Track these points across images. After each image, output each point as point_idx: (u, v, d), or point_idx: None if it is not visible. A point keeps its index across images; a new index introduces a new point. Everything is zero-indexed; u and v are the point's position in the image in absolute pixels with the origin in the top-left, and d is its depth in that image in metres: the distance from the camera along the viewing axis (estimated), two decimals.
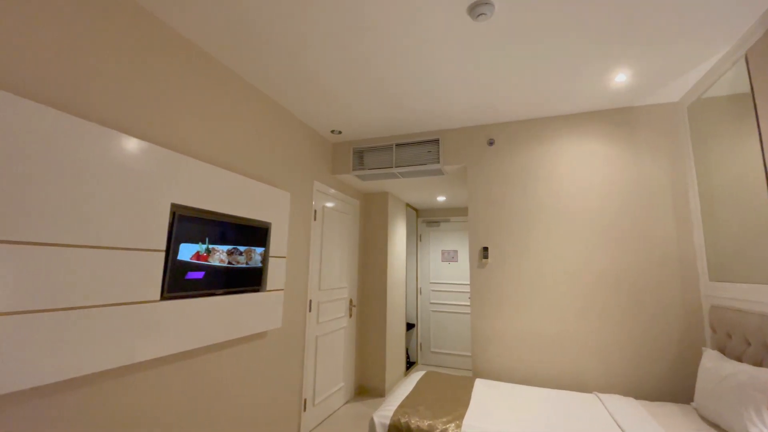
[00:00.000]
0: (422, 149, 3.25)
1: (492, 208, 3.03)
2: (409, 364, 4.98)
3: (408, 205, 5.06)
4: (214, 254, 2.04)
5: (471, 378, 2.66)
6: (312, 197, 3.22)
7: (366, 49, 2.09)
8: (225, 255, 2.11)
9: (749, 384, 1.64)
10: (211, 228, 2.03)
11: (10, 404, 1.26)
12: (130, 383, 1.65)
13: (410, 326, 5.12)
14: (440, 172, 3.30)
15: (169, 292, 1.76)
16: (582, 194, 2.78)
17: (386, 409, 2.07)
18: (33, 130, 1.30)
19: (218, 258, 2.06)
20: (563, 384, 2.64)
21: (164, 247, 1.75)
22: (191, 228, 1.90)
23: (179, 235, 1.83)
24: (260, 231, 2.41)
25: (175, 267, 1.80)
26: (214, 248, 2.04)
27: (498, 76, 2.37)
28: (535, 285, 2.81)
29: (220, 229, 2.09)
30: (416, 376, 2.68)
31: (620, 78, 2.35)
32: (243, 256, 2.25)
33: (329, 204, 3.53)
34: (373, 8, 1.76)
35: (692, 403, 2.09)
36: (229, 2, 1.74)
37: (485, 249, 2.98)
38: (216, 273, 2.05)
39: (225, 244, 2.11)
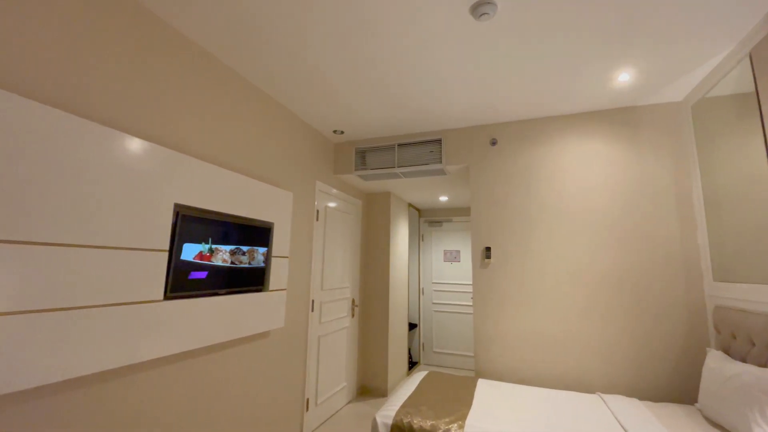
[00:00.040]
0: (425, 149, 3.25)
1: (494, 208, 3.02)
2: (412, 365, 4.98)
3: (410, 205, 5.06)
4: (217, 254, 2.05)
5: (473, 378, 2.66)
6: (314, 197, 3.23)
7: (368, 49, 2.10)
8: (228, 255, 2.12)
9: (754, 385, 1.63)
10: (214, 228, 2.04)
11: (13, 404, 1.26)
12: (133, 383, 1.65)
13: (412, 326, 5.11)
14: (443, 172, 3.30)
15: (173, 292, 1.77)
16: (585, 194, 2.77)
17: (389, 409, 2.07)
18: (36, 130, 1.31)
19: (221, 258, 2.07)
20: (566, 384, 2.63)
21: (167, 247, 1.75)
22: (194, 228, 1.91)
23: (182, 235, 1.83)
24: (263, 231, 2.42)
25: (179, 267, 1.81)
26: (217, 248, 2.05)
27: (500, 76, 2.37)
28: (538, 285, 2.80)
29: (223, 229, 2.10)
30: (419, 376, 2.68)
31: (623, 77, 2.34)
32: (246, 256, 2.25)
33: (331, 204, 3.54)
34: (375, 8, 1.76)
35: (696, 404, 2.08)
36: (231, 2, 1.75)
37: (488, 249, 2.98)
38: (219, 273, 2.06)
39: (228, 244, 2.12)
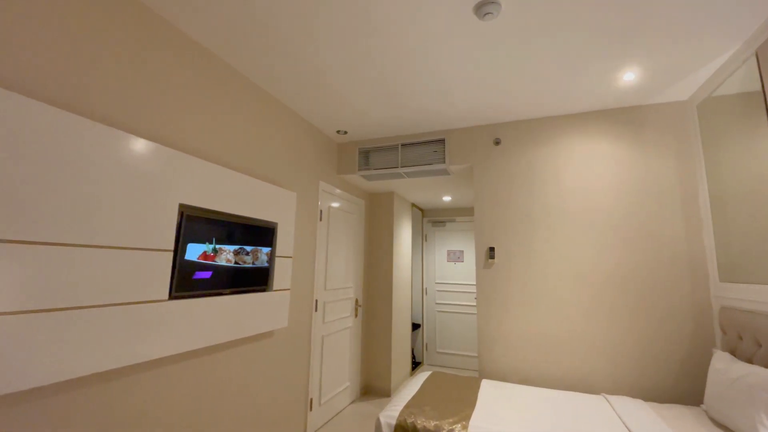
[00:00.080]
0: (428, 149, 3.24)
1: (498, 208, 3.01)
2: (415, 365, 4.98)
3: (413, 205, 5.06)
4: (221, 254, 2.05)
5: (477, 378, 2.65)
6: (318, 197, 3.23)
7: (372, 49, 2.10)
8: (232, 255, 2.12)
9: (760, 386, 1.61)
10: (218, 228, 2.05)
11: (16, 403, 1.27)
12: (136, 383, 1.66)
13: (416, 326, 5.11)
14: (446, 172, 3.29)
15: (177, 292, 1.78)
16: (589, 194, 2.76)
17: (392, 409, 2.07)
18: (41, 131, 1.32)
19: (225, 258, 2.08)
20: (571, 385, 2.62)
21: (172, 247, 1.76)
22: (198, 228, 1.92)
23: (187, 235, 1.84)
24: (267, 231, 2.42)
25: (183, 267, 1.82)
26: (221, 248, 2.05)
27: (504, 76, 2.36)
28: (542, 285, 2.79)
29: (227, 229, 2.11)
30: (422, 377, 2.68)
31: (628, 76, 2.33)
32: (249, 256, 2.26)
33: (335, 204, 3.54)
34: (379, 8, 1.76)
35: (702, 405, 2.07)
36: (232, 1, 1.75)
37: (491, 249, 2.97)
38: (223, 273, 2.06)
39: (232, 244, 2.13)
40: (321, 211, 3.27)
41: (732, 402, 1.73)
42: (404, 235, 4.58)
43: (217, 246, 2.03)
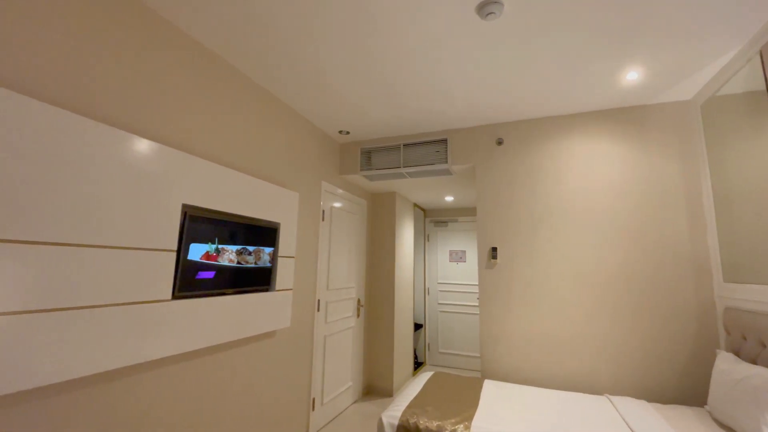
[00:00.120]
0: (430, 149, 3.24)
1: (501, 208, 3.01)
2: (417, 365, 4.97)
3: (416, 205, 5.05)
4: (224, 254, 2.06)
5: (480, 379, 2.65)
6: (320, 197, 3.24)
7: (374, 49, 2.10)
8: (234, 255, 2.13)
9: (764, 387, 1.60)
10: (221, 228, 2.05)
11: (19, 403, 1.26)
12: (139, 382, 1.66)
13: (418, 326, 5.11)
14: (448, 172, 3.29)
15: (180, 292, 1.79)
16: (592, 194, 2.75)
17: (395, 410, 2.07)
18: (46, 132, 1.32)
19: (227, 258, 2.08)
20: (573, 386, 2.62)
21: (176, 247, 1.77)
22: (201, 228, 1.93)
23: (189, 235, 1.85)
24: (269, 231, 2.43)
25: (186, 267, 1.82)
26: (224, 248, 2.06)
27: (507, 75, 2.36)
28: (545, 285, 2.79)
29: (230, 229, 2.11)
30: (425, 377, 2.68)
31: (631, 76, 2.32)
32: (252, 256, 2.26)
33: (337, 204, 3.54)
34: (381, 8, 1.76)
35: (706, 406, 2.06)
36: (234, 2, 1.76)
37: (494, 249, 2.96)
38: (226, 273, 2.07)
39: (234, 244, 2.13)
40: (323, 211, 3.28)
41: (736, 403, 1.72)
42: (406, 235, 4.58)
43: (220, 246, 2.03)
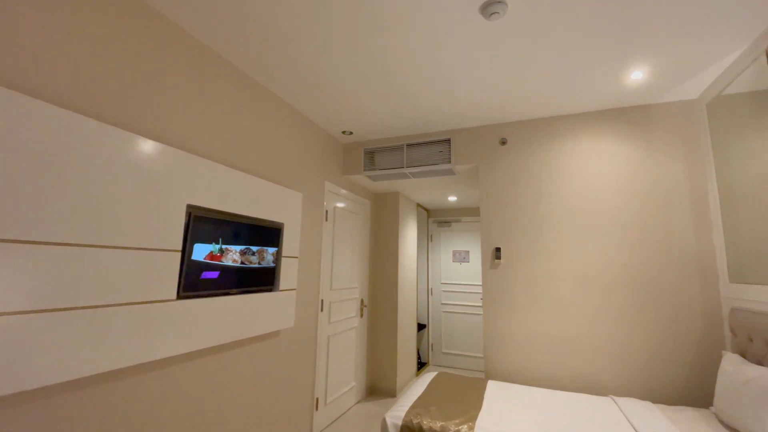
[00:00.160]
0: (433, 149, 3.24)
1: (504, 208, 3.00)
2: (421, 365, 4.97)
3: (419, 206, 5.05)
4: (227, 254, 2.07)
5: (483, 379, 2.64)
6: (323, 198, 3.24)
7: (377, 50, 2.10)
8: (238, 255, 2.14)
9: None
10: (225, 228, 2.06)
11: (21, 403, 1.26)
12: (142, 382, 1.66)
13: (421, 327, 5.11)
14: (451, 172, 3.29)
15: (185, 292, 1.79)
16: (597, 194, 2.74)
17: (398, 410, 2.07)
18: (51, 133, 1.33)
19: (231, 258, 2.09)
20: (578, 387, 2.60)
21: (180, 247, 1.78)
22: (205, 228, 1.93)
23: (194, 236, 1.86)
24: (273, 231, 2.43)
25: (191, 267, 1.83)
26: (228, 248, 2.07)
27: (510, 75, 2.35)
28: (549, 286, 2.78)
29: (234, 230, 2.12)
30: (428, 377, 2.68)
31: (636, 75, 2.31)
32: (255, 256, 2.27)
33: (340, 204, 3.55)
34: (384, 7, 1.76)
35: (711, 408, 2.04)
36: (235, 2, 1.76)
37: (498, 249, 2.96)
38: (229, 273, 2.08)
39: (238, 245, 2.14)
40: (327, 212, 3.28)
41: (742, 404, 1.71)
42: (409, 236, 4.57)
43: (224, 246, 2.04)
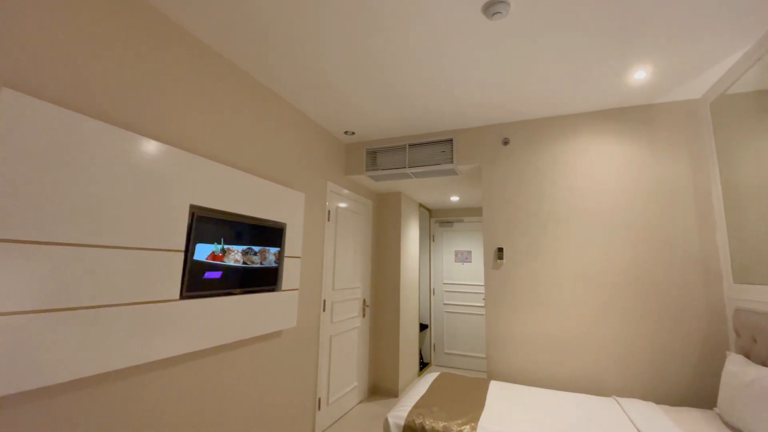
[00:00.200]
0: (435, 149, 3.24)
1: (507, 208, 3.00)
2: (423, 365, 4.97)
3: (421, 206, 5.05)
4: (230, 254, 2.07)
5: (485, 380, 2.64)
6: (326, 198, 3.25)
7: (379, 50, 2.10)
8: (240, 255, 2.14)
9: None
10: (227, 228, 2.06)
11: (22, 403, 1.26)
12: (144, 382, 1.67)
13: (423, 327, 5.10)
14: (454, 172, 3.28)
15: (188, 292, 1.80)
16: (600, 194, 2.73)
17: (400, 410, 2.07)
18: (56, 134, 1.34)
19: (233, 258, 2.09)
20: (581, 387, 2.60)
21: (183, 248, 1.78)
22: (208, 228, 1.94)
23: (196, 236, 1.86)
24: (275, 231, 2.44)
25: (193, 267, 1.84)
26: (230, 248, 2.07)
27: (513, 75, 2.35)
28: (552, 286, 2.77)
29: (236, 230, 2.13)
30: (430, 377, 2.68)
31: (639, 75, 2.30)
32: (257, 256, 2.27)
33: (342, 204, 3.55)
34: (384, 7, 1.76)
35: (715, 409, 2.03)
36: (237, 3, 1.77)
37: (500, 250, 2.95)
38: (232, 273, 2.08)
39: (240, 245, 2.14)
40: (329, 212, 3.29)
41: (746, 405, 1.70)
42: (412, 236, 4.57)
43: (226, 246, 2.05)
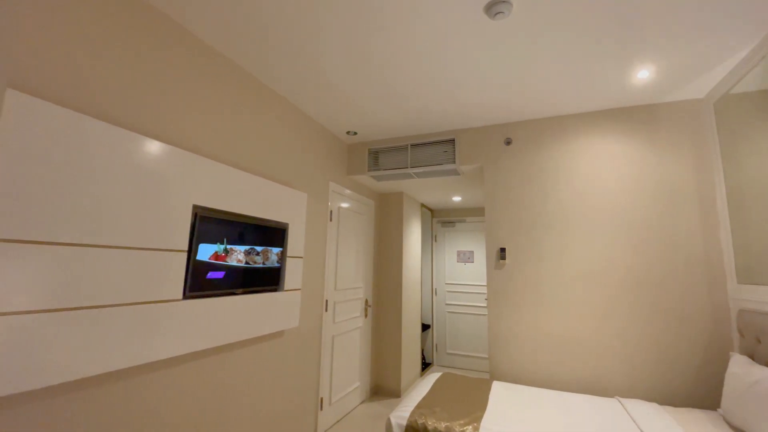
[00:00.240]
0: (438, 149, 3.24)
1: (509, 209, 2.99)
2: (425, 365, 4.96)
3: (423, 206, 5.05)
4: (232, 254, 2.08)
5: (488, 380, 2.64)
6: (328, 198, 3.25)
7: (379, 50, 2.10)
8: (242, 255, 2.15)
9: None
10: (230, 228, 2.07)
11: (23, 402, 1.25)
12: (146, 382, 1.67)
13: (426, 327, 5.10)
14: (456, 172, 3.28)
15: (191, 292, 1.81)
16: (603, 194, 2.72)
17: (403, 410, 2.07)
18: (61, 135, 1.35)
19: (236, 258, 2.10)
20: (584, 388, 2.59)
21: (186, 248, 1.79)
22: (210, 229, 1.94)
23: (199, 236, 1.87)
24: (278, 231, 2.44)
25: (196, 267, 1.84)
26: (232, 248, 2.08)
27: (515, 75, 2.34)
28: (555, 286, 2.76)
29: (238, 230, 2.13)
30: (433, 377, 2.68)
31: (642, 74, 2.29)
32: (260, 256, 2.28)
33: (345, 204, 3.55)
34: (387, 7, 1.76)
35: (719, 410, 2.02)
36: (245, 6, 1.77)
37: (502, 250, 2.95)
38: (234, 273, 2.09)
39: (243, 245, 2.15)
40: (331, 212, 3.29)
41: (750, 406, 1.69)
42: (414, 236, 4.57)
43: (228, 246, 2.05)
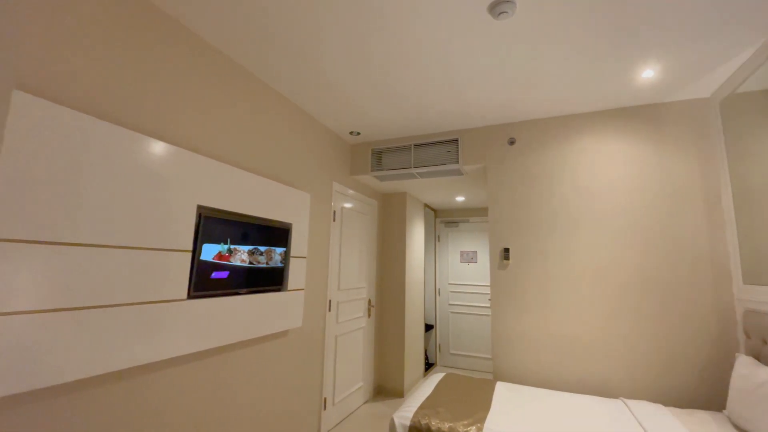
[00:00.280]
0: (441, 149, 3.23)
1: (513, 209, 2.98)
2: (428, 366, 4.96)
3: (426, 206, 5.04)
4: (236, 254, 2.08)
5: (492, 381, 2.63)
6: (331, 198, 3.25)
7: (380, 50, 2.10)
8: (246, 255, 2.15)
9: None
10: (234, 228, 2.08)
11: (24, 403, 1.25)
12: (150, 381, 1.67)
13: (429, 327, 5.10)
14: (459, 172, 3.27)
15: (196, 291, 1.81)
16: (607, 194, 2.71)
17: (406, 410, 2.07)
18: (65, 135, 1.35)
19: (239, 258, 2.11)
20: (588, 389, 2.58)
21: (191, 248, 1.80)
22: (214, 229, 1.95)
23: (203, 236, 1.88)
24: (281, 231, 2.45)
25: (201, 267, 1.85)
26: (236, 248, 2.08)
27: (520, 75, 2.33)
28: (559, 287, 2.75)
29: (242, 230, 2.14)
30: (436, 378, 2.67)
31: (647, 74, 2.28)
32: (263, 256, 2.29)
33: (348, 205, 3.56)
34: (388, 7, 1.76)
35: (724, 411, 2.01)
36: (247, 6, 1.78)
37: (506, 250, 2.94)
38: (238, 273, 2.09)
39: (247, 245, 2.16)
40: (334, 212, 3.29)
41: (756, 408, 1.68)
42: (417, 236, 4.57)
43: (232, 246, 2.06)
